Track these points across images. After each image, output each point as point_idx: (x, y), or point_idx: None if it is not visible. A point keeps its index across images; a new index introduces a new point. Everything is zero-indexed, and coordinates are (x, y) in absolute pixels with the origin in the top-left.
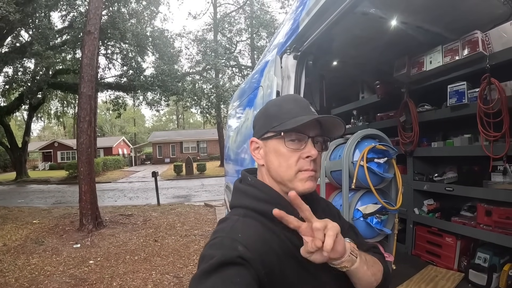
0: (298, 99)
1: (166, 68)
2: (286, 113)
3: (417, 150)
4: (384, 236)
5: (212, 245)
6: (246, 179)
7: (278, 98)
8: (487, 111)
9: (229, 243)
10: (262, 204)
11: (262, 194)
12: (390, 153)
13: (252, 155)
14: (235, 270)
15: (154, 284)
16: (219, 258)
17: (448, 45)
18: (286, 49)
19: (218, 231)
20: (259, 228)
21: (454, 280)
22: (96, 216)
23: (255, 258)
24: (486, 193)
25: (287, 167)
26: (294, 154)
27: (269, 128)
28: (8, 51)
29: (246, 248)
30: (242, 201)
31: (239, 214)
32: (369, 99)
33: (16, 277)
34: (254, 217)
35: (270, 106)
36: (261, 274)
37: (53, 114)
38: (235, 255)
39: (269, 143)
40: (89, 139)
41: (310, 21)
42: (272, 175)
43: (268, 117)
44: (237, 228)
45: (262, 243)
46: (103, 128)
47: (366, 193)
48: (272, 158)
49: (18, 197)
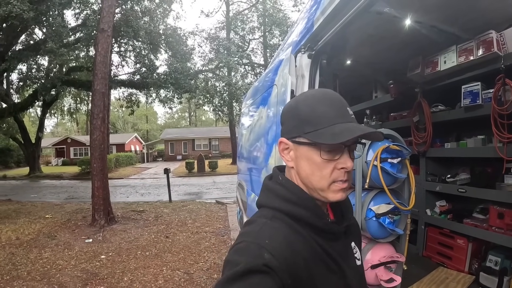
0: (333, 98)
1: (179, 65)
2: (320, 117)
3: (430, 151)
4: (396, 236)
5: (237, 250)
6: (276, 177)
7: (308, 95)
8: (501, 112)
9: (255, 249)
10: (291, 205)
11: (292, 195)
12: (404, 153)
13: (281, 156)
14: (259, 278)
15: (165, 280)
16: (244, 266)
17: (462, 45)
18: (301, 48)
19: (245, 235)
20: (287, 232)
21: (465, 282)
22: (108, 211)
23: (282, 266)
24: (499, 195)
25: (321, 177)
26: (329, 165)
27: (301, 133)
28: (22, 48)
29: (273, 256)
30: (271, 202)
31: (267, 216)
32: (382, 98)
33: (28, 270)
34: (282, 219)
35: (301, 105)
36: (287, 283)
37: (66, 110)
38: (261, 263)
39: (301, 148)
40: (102, 136)
41: (325, 20)
42: (302, 181)
43: (299, 119)
44: (264, 233)
45: (290, 249)
46: (116, 125)
47: (379, 193)
48: (303, 165)
49: (31, 192)
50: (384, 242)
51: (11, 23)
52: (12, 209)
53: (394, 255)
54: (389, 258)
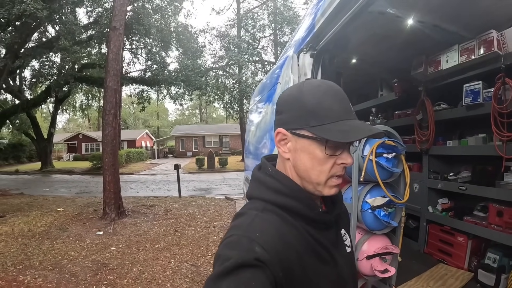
0: (337, 92)
1: (190, 63)
2: (326, 111)
3: (432, 149)
4: (391, 228)
5: (228, 243)
6: (266, 168)
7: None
8: (501, 111)
9: (246, 243)
10: (283, 197)
11: (283, 187)
12: (399, 149)
13: (277, 147)
14: (251, 273)
15: (173, 271)
16: (235, 261)
17: (464, 44)
18: (303, 48)
19: (235, 228)
20: (278, 224)
21: (463, 279)
22: (119, 205)
23: (273, 260)
24: (498, 194)
25: (320, 171)
26: (330, 160)
27: (304, 126)
28: (35, 45)
29: (264, 249)
30: (261, 193)
31: (257, 208)
32: (387, 97)
33: (41, 260)
34: (274, 211)
35: (306, 96)
36: (279, 276)
37: (78, 106)
38: (252, 257)
39: (301, 141)
40: (114, 131)
41: (325, 22)
42: (299, 174)
43: (303, 110)
44: (255, 226)
45: (281, 242)
46: (127, 121)
47: (375, 187)
48: (303, 158)
49: (43, 186)
50: (380, 234)
51: (25, 21)
52: (25, 202)
53: (389, 246)
54: (384, 249)
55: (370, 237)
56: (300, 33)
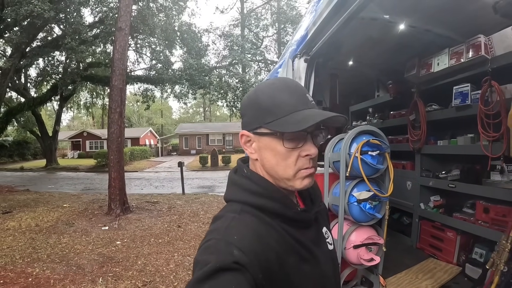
0: (290, 86)
1: (194, 62)
2: (280, 106)
3: (424, 148)
4: (376, 220)
5: (206, 248)
6: (241, 170)
7: (267, 85)
8: (487, 112)
9: (223, 246)
10: (259, 198)
11: (258, 187)
12: (383, 147)
13: (244, 149)
14: (230, 276)
15: (176, 265)
16: (214, 265)
17: (454, 48)
18: (297, 54)
19: (213, 232)
20: (256, 226)
21: (452, 272)
22: (123, 201)
23: (252, 262)
24: (484, 191)
25: (286, 166)
26: (293, 153)
27: (262, 124)
28: (42, 45)
29: (242, 252)
30: (238, 196)
31: (235, 210)
32: (383, 97)
33: (48, 253)
34: (251, 212)
35: (260, 94)
36: (259, 278)
37: (82, 104)
38: (230, 260)
39: (263, 139)
40: (119, 129)
41: (316, 31)
42: (268, 172)
43: (259, 109)
44: (232, 229)
45: (260, 243)
46: (131, 119)
47: (361, 182)
48: (267, 156)
49: (49, 183)
50: (366, 225)
51: (32, 21)
52: (31, 198)
53: (374, 237)
54: (370, 239)
55: (357, 228)
56: (299, 34)
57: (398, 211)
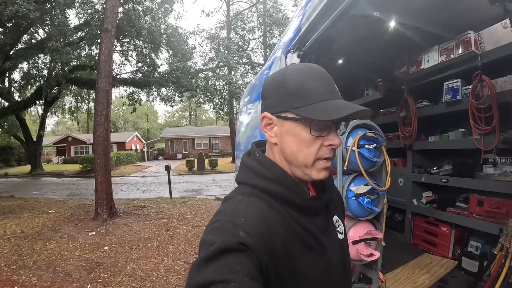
0: (320, 73)
1: (180, 65)
2: (309, 92)
3: (415, 144)
4: (375, 214)
5: (212, 229)
6: (254, 154)
7: (296, 69)
8: (478, 106)
9: (230, 228)
10: (268, 182)
11: (269, 172)
12: (380, 140)
13: (263, 132)
14: (235, 257)
15: (166, 269)
16: (219, 245)
17: (444, 45)
18: (290, 49)
19: (221, 213)
20: (263, 209)
21: (448, 267)
22: (111, 206)
23: (257, 244)
24: (478, 184)
25: (307, 153)
26: (316, 141)
27: (288, 108)
28: (26, 47)
29: (248, 234)
30: (248, 179)
31: (244, 193)
32: (373, 96)
33: (34, 260)
34: (260, 196)
35: (289, 78)
36: (264, 260)
37: (67, 109)
38: (235, 241)
39: (287, 124)
40: (106, 132)
41: (310, 25)
42: (287, 158)
43: (287, 93)
44: (240, 211)
45: (266, 227)
46: (116, 123)
47: (358, 176)
48: (289, 141)
49: (33, 188)
50: (364, 220)
51: (16, 22)
52: (16, 204)
53: (373, 232)
54: (369, 235)
55: (355, 223)
56: (288, 35)
57: (390, 208)
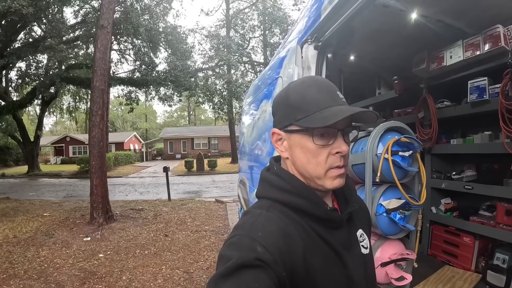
0: (322, 84)
1: (179, 63)
2: (310, 103)
3: (435, 147)
4: (406, 232)
5: (230, 244)
6: (272, 167)
7: (298, 83)
8: (509, 107)
9: (247, 243)
10: (287, 195)
11: (288, 185)
12: (415, 146)
13: (275, 147)
14: (252, 273)
15: (164, 279)
16: (236, 261)
17: (469, 40)
18: (307, 39)
19: (238, 228)
20: (283, 223)
21: (472, 281)
22: (107, 209)
23: (275, 259)
24: (506, 192)
25: (316, 164)
26: (323, 151)
27: (292, 121)
28: (21, 45)
29: (265, 249)
30: (267, 192)
31: (263, 207)
32: (386, 95)
33: (26, 268)
34: (280, 209)
35: (291, 92)
36: (282, 276)
37: (65, 109)
38: (253, 257)
39: (293, 137)
40: (101, 133)
41: (332, 10)
42: (298, 170)
43: (290, 107)
44: (257, 225)
45: (285, 241)
46: (115, 123)
47: (389, 188)
48: (298, 153)
49: (30, 190)
50: (394, 238)
51: (10, 19)
52: (10, 207)
53: (405, 252)
54: (400, 255)
55: (384, 243)
56: (301, 25)
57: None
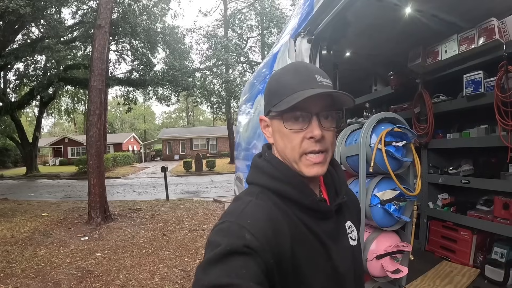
0: (299, 68)
1: (177, 63)
2: (284, 88)
3: (432, 142)
4: (402, 224)
5: (219, 230)
6: (264, 154)
7: (279, 69)
8: (504, 99)
9: (236, 230)
10: (277, 182)
11: (278, 172)
12: (409, 137)
13: (263, 133)
14: (240, 261)
15: (161, 277)
16: (225, 248)
17: (463, 34)
18: (300, 32)
19: (228, 214)
20: (271, 211)
21: (470, 276)
22: (104, 209)
23: (263, 246)
24: (504, 185)
25: (291, 149)
26: (297, 135)
27: (270, 107)
28: (19, 46)
29: (254, 236)
30: (258, 179)
31: (253, 193)
32: (382, 91)
33: (23, 268)
34: (269, 196)
35: (272, 79)
36: (270, 263)
37: (63, 110)
38: (241, 244)
39: (273, 123)
40: (99, 133)
41: (325, 2)
42: (280, 155)
43: (270, 93)
44: (247, 213)
45: (273, 228)
46: (113, 124)
47: (383, 179)
48: (277, 138)
49: (28, 191)
50: (390, 230)
51: (8, 19)
52: (9, 207)
53: (400, 244)
54: (395, 247)
55: (379, 235)
56: (294, 21)
57: None
